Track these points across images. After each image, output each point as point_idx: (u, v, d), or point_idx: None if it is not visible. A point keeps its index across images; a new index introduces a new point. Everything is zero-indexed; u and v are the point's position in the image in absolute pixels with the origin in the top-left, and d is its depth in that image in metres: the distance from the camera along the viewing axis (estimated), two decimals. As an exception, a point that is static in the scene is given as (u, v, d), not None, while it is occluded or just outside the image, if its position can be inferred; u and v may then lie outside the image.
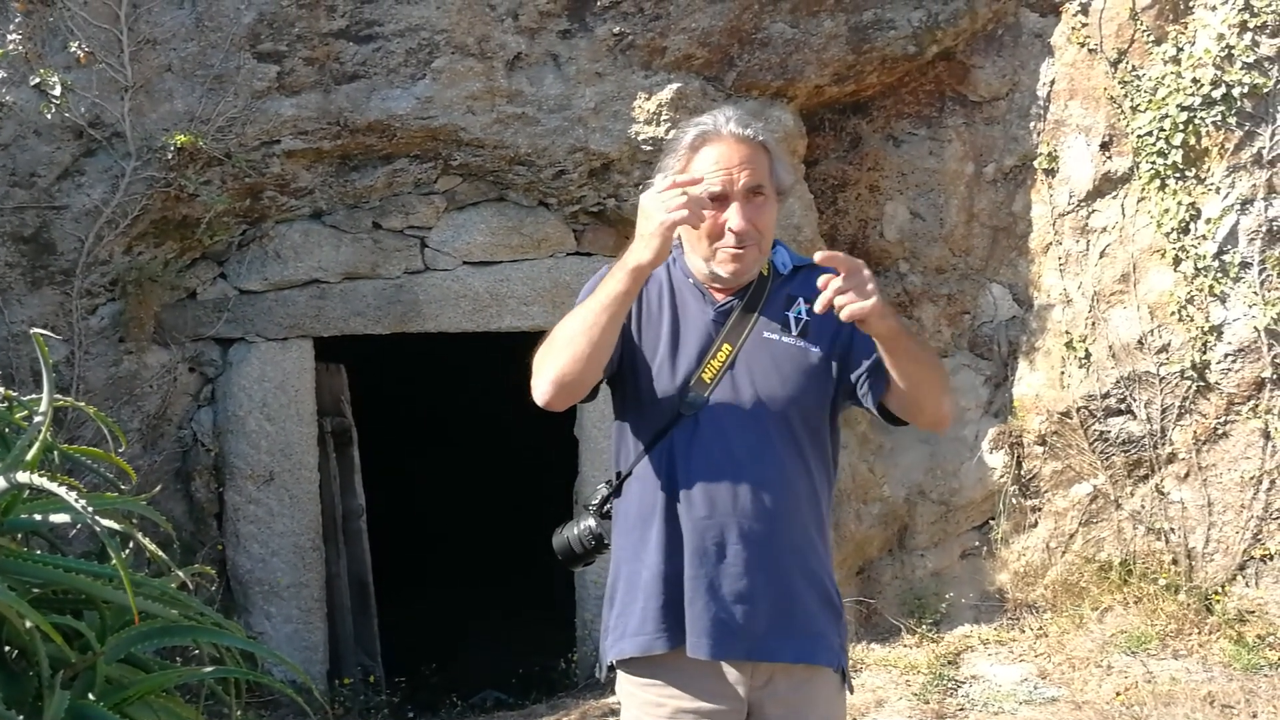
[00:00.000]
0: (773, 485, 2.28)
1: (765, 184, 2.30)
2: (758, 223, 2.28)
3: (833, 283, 2.07)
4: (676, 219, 2.11)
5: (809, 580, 2.32)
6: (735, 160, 2.27)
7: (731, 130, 2.30)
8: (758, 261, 2.34)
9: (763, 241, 2.32)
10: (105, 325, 5.04)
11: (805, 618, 2.31)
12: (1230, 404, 5.12)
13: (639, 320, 2.41)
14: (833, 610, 2.36)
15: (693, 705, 2.31)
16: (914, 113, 5.73)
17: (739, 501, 2.27)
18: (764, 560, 2.27)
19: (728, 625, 2.26)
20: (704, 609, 2.27)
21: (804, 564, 2.32)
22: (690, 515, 2.29)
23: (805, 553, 2.32)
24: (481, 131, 5.15)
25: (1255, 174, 4.93)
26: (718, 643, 2.27)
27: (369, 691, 5.57)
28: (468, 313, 5.51)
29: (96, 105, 4.73)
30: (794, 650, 2.29)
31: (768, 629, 2.28)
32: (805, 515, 2.33)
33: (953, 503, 5.80)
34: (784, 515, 2.29)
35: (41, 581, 2.20)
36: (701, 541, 2.28)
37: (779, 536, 2.28)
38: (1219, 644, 5.04)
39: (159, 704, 2.32)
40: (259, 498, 5.37)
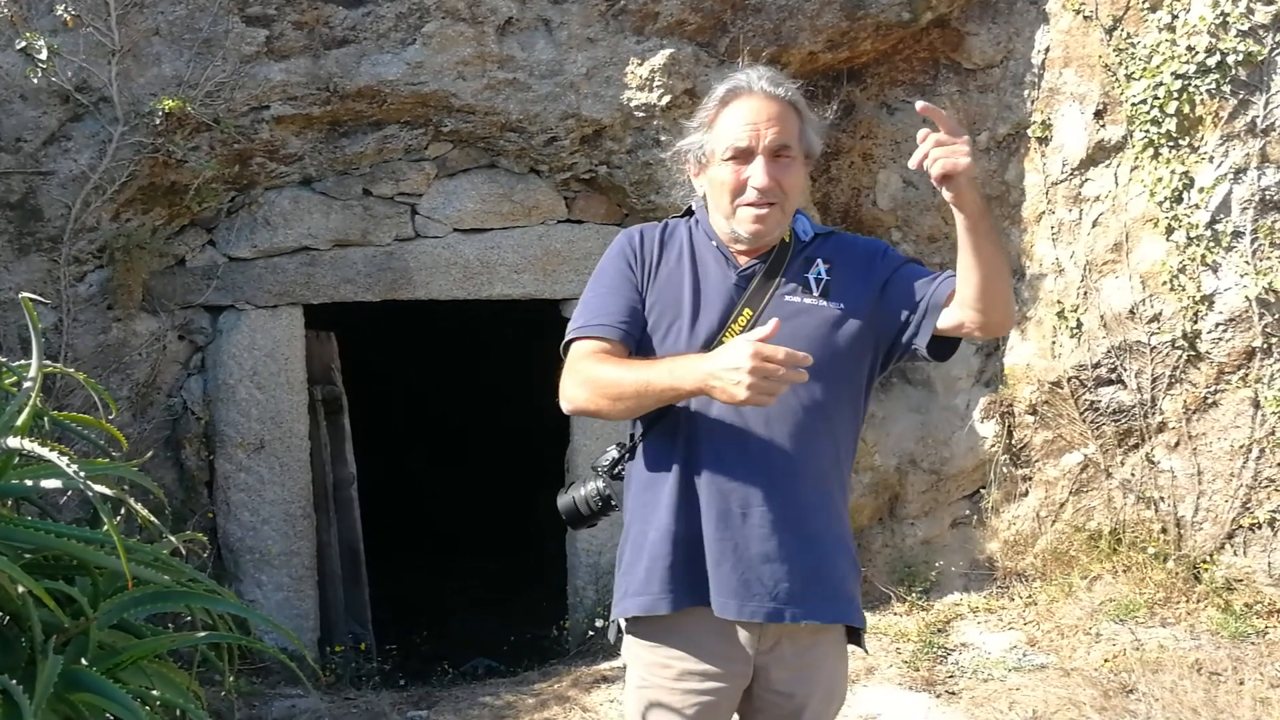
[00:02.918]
0: (797, 447, 2.26)
1: (793, 144, 2.28)
2: (783, 181, 2.27)
3: (930, 137, 2.04)
4: (759, 401, 1.99)
5: (836, 541, 2.32)
6: (763, 116, 2.26)
7: (762, 87, 2.28)
8: (780, 223, 2.31)
9: (786, 202, 2.29)
10: (94, 292, 5.01)
11: (837, 578, 2.31)
12: (1221, 373, 5.13)
13: (652, 282, 2.38)
14: (857, 570, 2.38)
15: (700, 668, 2.32)
16: (908, 80, 5.70)
17: (763, 464, 2.26)
18: (790, 521, 2.26)
19: (753, 587, 2.25)
20: (731, 570, 2.26)
21: (830, 525, 2.31)
22: (713, 478, 2.27)
23: (830, 513, 2.31)
24: (472, 97, 5.11)
25: (1249, 143, 4.92)
26: (742, 605, 2.26)
27: (360, 659, 5.58)
28: (458, 280, 5.49)
29: (83, 69, 4.67)
30: (830, 611, 2.29)
31: (798, 590, 2.26)
32: (829, 476, 2.32)
33: (943, 472, 5.81)
34: (809, 476, 2.28)
35: (33, 547, 2.19)
36: (725, 503, 2.26)
37: (804, 497, 2.27)
38: (1207, 612, 5.07)
39: (152, 669, 2.32)
40: (249, 466, 5.36)
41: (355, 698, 4.94)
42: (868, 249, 2.41)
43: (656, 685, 2.35)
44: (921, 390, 5.92)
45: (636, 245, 2.42)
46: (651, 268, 2.40)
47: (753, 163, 2.26)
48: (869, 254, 2.39)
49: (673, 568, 2.29)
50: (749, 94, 2.29)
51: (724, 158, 2.29)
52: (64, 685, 2.04)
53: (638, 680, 2.38)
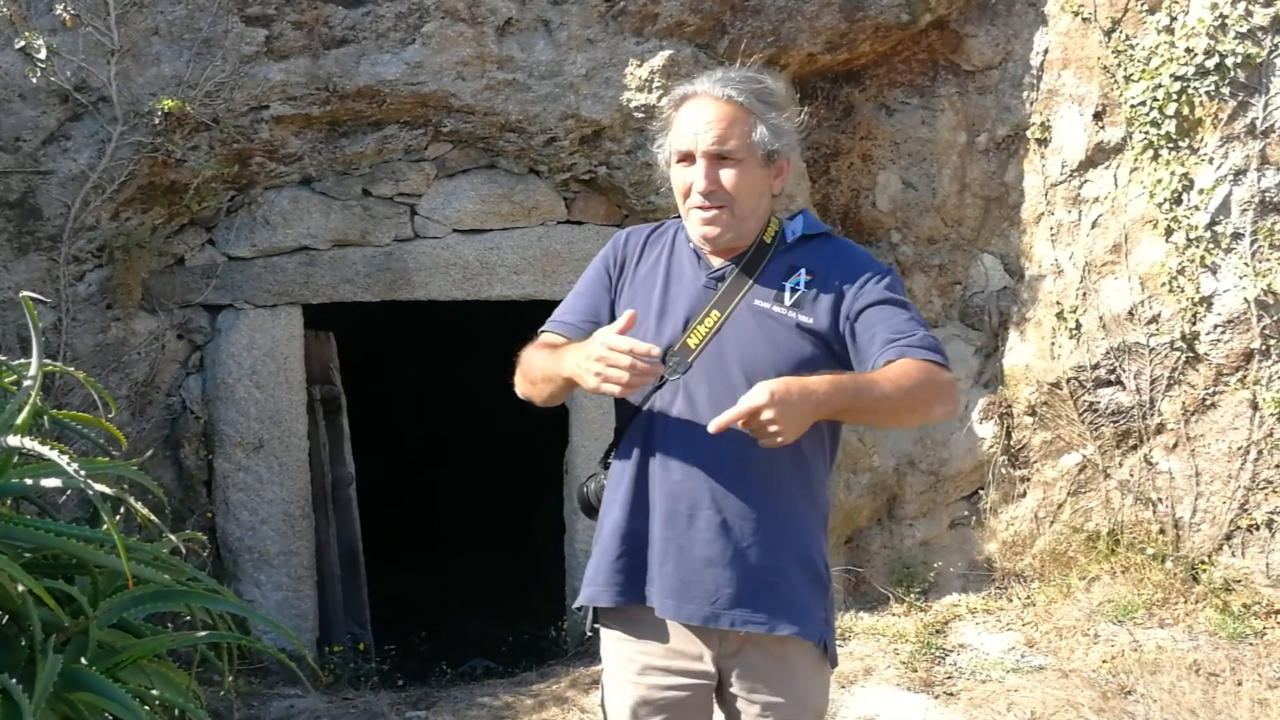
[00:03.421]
0: (751, 455, 2.21)
1: (736, 146, 2.25)
2: (727, 184, 2.26)
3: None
4: (609, 390, 2.06)
5: (790, 552, 2.28)
6: (703, 119, 2.26)
7: (708, 89, 2.28)
8: (731, 226, 2.29)
9: (735, 205, 2.27)
10: (93, 292, 5.00)
11: (783, 588, 2.27)
12: (1219, 375, 5.13)
13: (628, 283, 2.44)
14: (819, 584, 2.32)
15: (662, 664, 2.35)
16: (907, 82, 5.71)
17: (713, 468, 2.25)
18: (737, 528, 2.25)
19: (692, 589, 2.27)
20: (673, 571, 2.28)
21: (785, 535, 2.27)
22: (665, 478, 2.29)
23: (788, 524, 2.28)
24: (472, 98, 5.11)
25: (1248, 144, 4.93)
26: (680, 605, 2.28)
27: (358, 659, 5.58)
28: (458, 281, 5.49)
29: (82, 69, 4.67)
30: (766, 620, 2.26)
31: (736, 596, 2.26)
32: (792, 487, 2.29)
33: (942, 473, 5.81)
34: (762, 485, 2.25)
35: (33, 546, 2.19)
36: (674, 504, 2.28)
37: (755, 506, 2.26)
38: (1205, 613, 5.08)
39: (151, 669, 2.32)
40: (248, 465, 5.36)
41: (354, 698, 4.94)
42: (855, 270, 2.30)
43: (622, 678, 2.40)
44: (920, 391, 5.91)
45: (619, 247, 2.49)
46: (630, 269, 2.44)
47: (695, 165, 2.28)
48: (855, 275, 2.29)
49: (618, 562, 2.33)
50: (695, 97, 2.31)
51: (675, 161, 2.32)
52: (64, 684, 2.05)
53: (607, 670, 2.45)
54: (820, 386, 2.04)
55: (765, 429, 1.97)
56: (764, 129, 2.27)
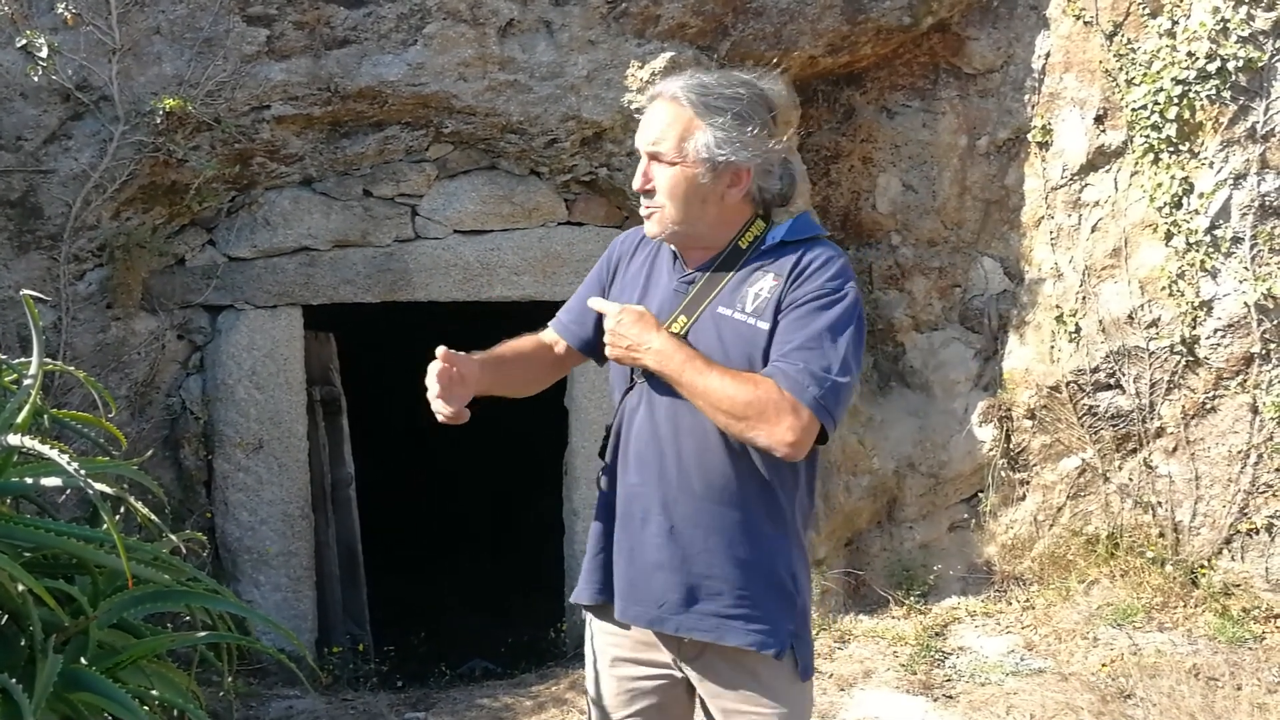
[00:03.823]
0: (701, 463, 2.25)
1: (666, 149, 2.25)
2: (656, 184, 2.28)
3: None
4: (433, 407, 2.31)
5: (743, 562, 2.26)
6: (648, 118, 2.30)
7: (663, 88, 2.31)
8: (670, 225, 2.29)
9: (669, 207, 2.27)
10: (93, 291, 5.00)
11: (730, 598, 2.25)
12: (1219, 379, 5.14)
13: (617, 283, 2.49)
14: (782, 595, 2.28)
15: (631, 656, 2.42)
16: (908, 85, 5.71)
17: (667, 474, 2.27)
18: (685, 536, 2.26)
19: (639, 593, 2.31)
20: (623, 573, 2.34)
21: (736, 545, 2.26)
22: (625, 481, 2.34)
23: (743, 533, 2.26)
24: (473, 99, 5.11)
25: (1249, 149, 4.93)
26: (628, 607, 2.33)
27: (357, 660, 5.58)
28: (458, 282, 5.49)
29: (84, 68, 4.67)
30: (713, 630, 2.26)
31: (682, 603, 2.27)
32: (746, 496, 2.25)
33: (941, 475, 5.81)
34: (711, 495, 2.25)
35: (33, 545, 2.19)
36: (629, 507, 2.32)
37: (705, 515, 2.25)
38: (1204, 617, 5.08)
39: (151, 669, 2.32)
40: (248, 466, 5.36)
41: (353, 699, 4.94)
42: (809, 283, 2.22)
43: (599, 669, 2.47)
44: (920, 394, 5.92)
45: (615, 248, 2.55)
46: (621, 269, 2.49)
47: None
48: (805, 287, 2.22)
49: (594, 560, 2.42)
50: (656, 95, 2.33)
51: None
52: (63, 684, 2.04)
53: (588, 662, 2.53)
54: (662, 342, 2.19)
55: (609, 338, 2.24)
56: (708, 136, 2.23)
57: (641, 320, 2.22)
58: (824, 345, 2.14)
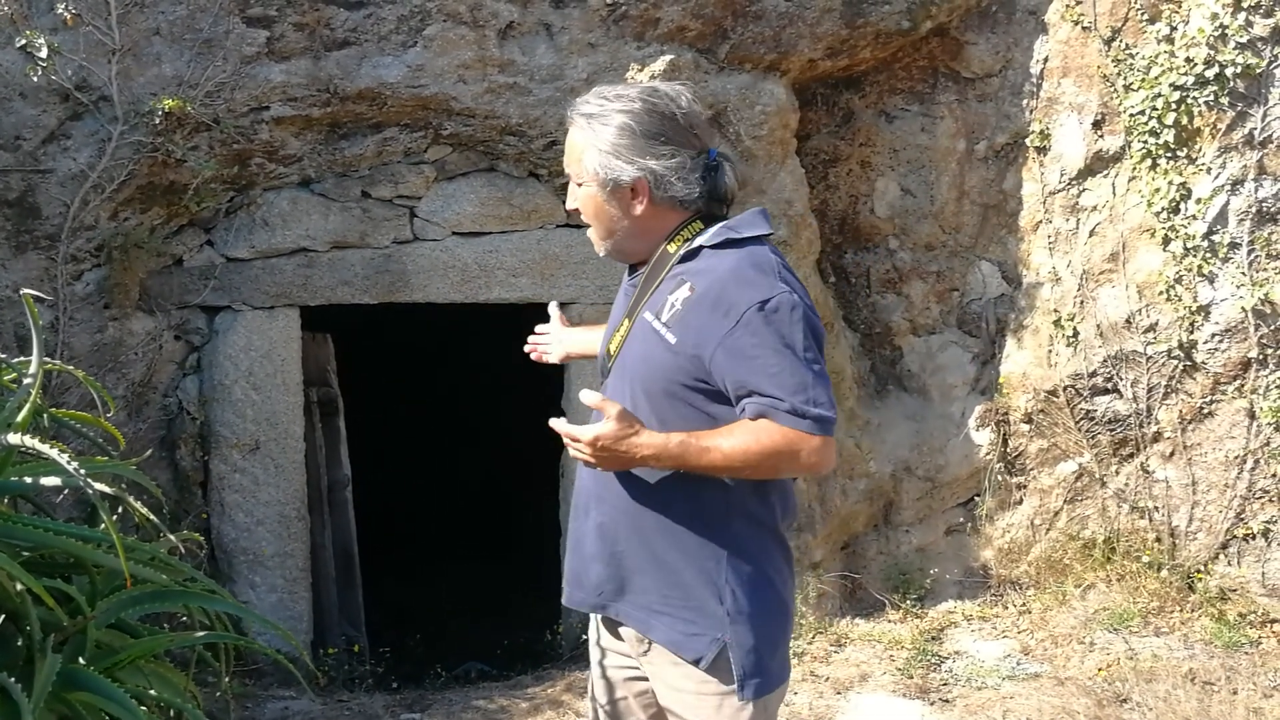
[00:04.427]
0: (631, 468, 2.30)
1: (576, 171, 2.33)
2: (578, 206, 2.37)
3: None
4: None
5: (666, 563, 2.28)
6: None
7: (573, 110, 2.37)
8: (603, 244, 2.39)
9: (594, 225, 2.36)
10: (90, 291, 4.99)
11: (653, 597, 2.30)
12: (1216, 384, 5.15)
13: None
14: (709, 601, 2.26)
15: (604, 644, 2.53)
16: (907, 88, 5.72)
17: (598, 472, 2.33)
18: (611, 531, 2.35)
19: (580, 579, 2.44)
20: (569, 561, 2.49)
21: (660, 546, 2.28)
22: (579, 477, 2.48)
23: (663, 535, 2.28)
24: (472, 101, 5.11)
25: (1246, 155, 4.94)
26: (572, 593, 2.47)
27: (353, 661, 5.57)
28: (456, 284, 5.48)
29: (83, 68, 4.67)
30: (640, 619, 2.34)
31: (616, 592, 2.37)
32: (668, 498, 2.27)
33: (938, 479, 5.82)
34: (636, 493, 2.30)
35: (31, 545, 2.18)
36: (578, 499, 2.47)
37: (628, 513, 2.32)
38: (1201, 622, 5.08)
39: (149, 669, 2.32)
40: (244, 467, 5.35)
41: (348, 700, 4.93)
42: (729, 296, 2.18)
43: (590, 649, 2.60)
44: (917, 398, 5.93)
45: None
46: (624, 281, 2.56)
47: None
48: (726, 302, 2.17)
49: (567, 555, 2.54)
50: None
51: None
52: (62, 684, 2.04)
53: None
54: (646, 449, 2.16)
55: (588, 458, 2.21)
56: (596, 154, 2.27)
57: (619, 436, 2.16)
58: (787, 364, 2.13)
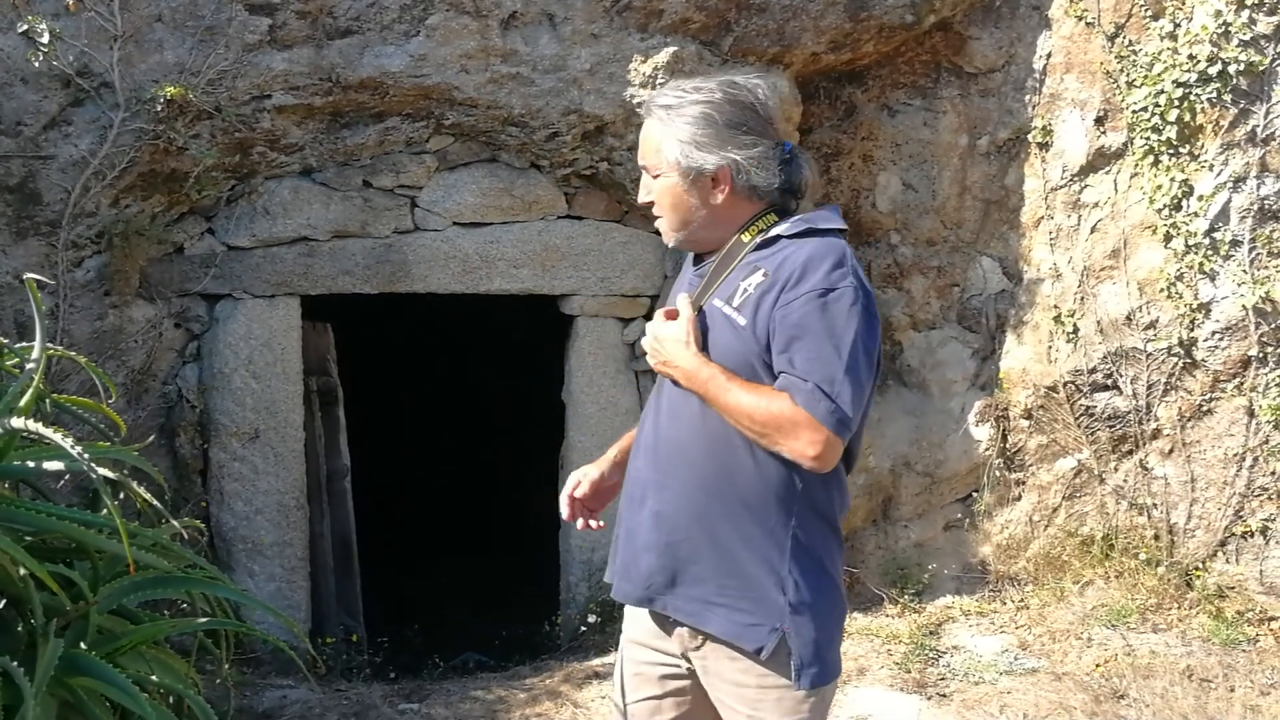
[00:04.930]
0: (692, 451, 2.30)
1: (655, 162, 2.35)
2: (653, 197, 2.38)
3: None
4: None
5: (730, 552, 2.27)
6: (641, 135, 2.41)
7: (647, 104, 2.40)
8: (673, 234, 2.40)
9: (668, 216, 2.37)
10: (91, 278, 4.98)
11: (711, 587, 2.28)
12: (1216, 381, 5.15)
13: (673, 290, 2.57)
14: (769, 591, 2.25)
15: (641, 639, 2.47)
16: (909, 83, 5.71)
17: (659, 459, 2.35)
18: (670, 520, 2.32)
19: (630, 571, 2.39)
20: (621, 552, 2.43)
21: (723, 534, 2.27)
22: (633, 465, 2.44)
23: (728, 523, 2.26)
24: (475, 91, 5.10)
25: (1249, 152, 4.94)
26: (621, 585, 2.43)
27: (351, 651, 5.57)
28: (457, 274, 5.48)
29: (85, 54, 4.65)
30: (695, 614, 2.31)
31: (667, 585, 2.33)
32: (735, 487, 2.26)
33: (937, 474, 5.82)
34: (695, 484, 2.29)
35: (34, 529, 2.18)
36: (632, 490, 2.43)
37: (691, 501, 2.29)
38: (1198, 619, 5.09)
39: (151, 655, 2.32)
40: (244, 455, 5.34)
41: (346, 689, 4.93)
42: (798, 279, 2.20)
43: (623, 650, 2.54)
44: (916, 393, 5.93)
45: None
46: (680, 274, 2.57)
47: None
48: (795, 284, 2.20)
49: (614, 543, 2.49)
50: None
51: None
52: (64, 669, 2.04)
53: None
54: (686, 360, 2.27)
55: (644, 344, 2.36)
56: (677, 144, 2.30)
57: (675, 337, 2.29)
58: (826, 353, 2.14)
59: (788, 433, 2.14)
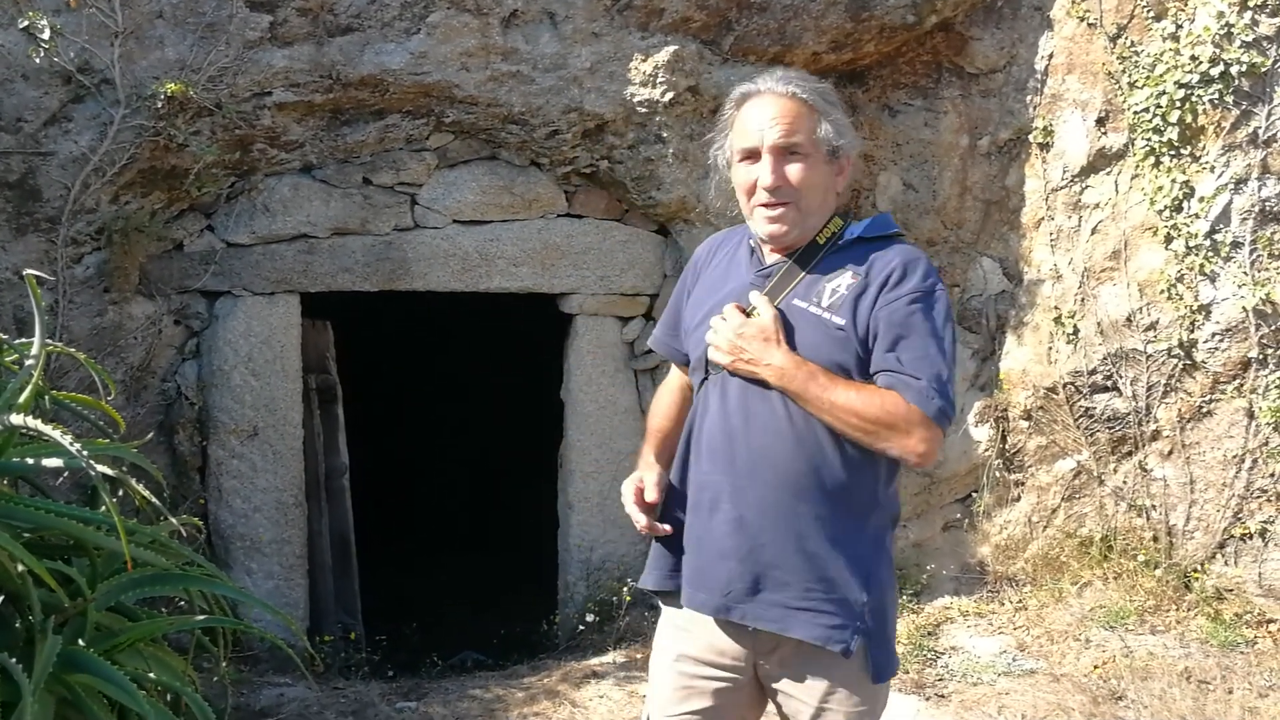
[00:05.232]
0: (770, 454, 2.25)
1: (802, 141, 2.28)
2: (793, 179, 2.28)
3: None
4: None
5: (809, 555, 2.25)
6: (768, 115, 2.29)
7: (770, 86, 2.32)
8: (796, 222, 2.31)
9: (801, 200, 2.29)
10: (90, 275, 4.98)
11: (796, 590, 2.24)
12: (1215, 383, 5.14)
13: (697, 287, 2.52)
14: (851, 591, 2.25)
15: (694, 653, 2.38)
16: (910, 83, 5.71)
17: (738, 463, 2.27)
18: (753, 525, 2.26)
19: (705, 579, 2.31)
20: (691, 560, 2.34)
21: (803, 537, 2.24)
22: (698, 470, 2.34)
23: (814, 525, 2.25)
24: (475, 89, 5.10)
25: (1250, 153, 4.94)
26: (694, 594, 2.33)
27: (349, 649, 5.56)
28: (456, 272, 5.48)
29: (86, 50, 4.65)
30: (778, 620, 2.26)
31: (747, 592, 2.27)
32: (819, 488, 2.25)
33: (937, 475, 5.81)
34: (780, 485, 2.24)
35: (32, 526, 2.17)
36: (699, 495, 2.33)
37: (775, 504, 2.25)
38: (1196, 621, 5.09)
39: (148, 652, 2.31)
40: (242, 453, 5.34)
41: (344, 688, 4.92)
42: (897, 281, 2.25)
43: (657, 662, 2.46)
44: (916, 393, 5.91)
45: (698, 255, 2.58)
46: (702, 275, 2.52)
47: (760, 162, 2.29)
48: (895, 286, 2.25)
49: (662, 547, 2.41)
50: (758, 95, 2.34)
51: (738, 159, 2.34)
52: (61, 666, 2.03)
53: (654, 652, 2.50)
54: (780, 358, 2.20)
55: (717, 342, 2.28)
56: (828, 125, 2.30)
57: (764, 335, 2.23)
58: (932, 352, 2.19)
59: (901, 430, 2.16)
